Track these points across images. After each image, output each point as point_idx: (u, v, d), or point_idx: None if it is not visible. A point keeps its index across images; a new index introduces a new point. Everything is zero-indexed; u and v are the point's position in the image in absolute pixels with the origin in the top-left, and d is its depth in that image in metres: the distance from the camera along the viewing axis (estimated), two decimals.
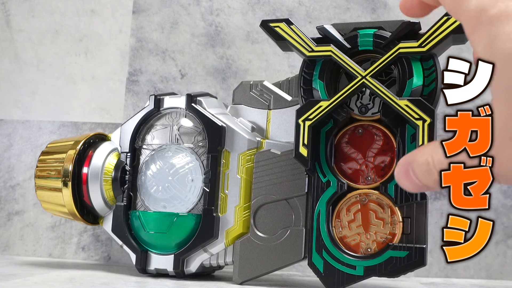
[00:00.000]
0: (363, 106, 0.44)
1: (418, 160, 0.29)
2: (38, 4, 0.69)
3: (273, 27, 0.45)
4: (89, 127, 0.66)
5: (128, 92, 0.66)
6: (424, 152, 0.29)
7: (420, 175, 0.29)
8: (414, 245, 0.41)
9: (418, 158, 0.29)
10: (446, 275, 0.60)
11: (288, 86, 0.49)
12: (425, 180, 0.29)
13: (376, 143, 0.44)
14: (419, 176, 0.29)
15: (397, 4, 0.63)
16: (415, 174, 0.29)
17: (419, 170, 0.29)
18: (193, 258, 0.47)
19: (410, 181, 0.30)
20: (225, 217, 0.47)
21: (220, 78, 0.64)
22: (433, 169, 0.28)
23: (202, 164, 0.48)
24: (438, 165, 0.28)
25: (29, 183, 0.66)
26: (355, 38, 0.44)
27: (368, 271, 0.41)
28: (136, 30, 0.66)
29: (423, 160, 0.28)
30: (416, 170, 0.29)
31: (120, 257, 0.63)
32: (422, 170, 0.29)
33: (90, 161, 0.50)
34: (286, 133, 0.48)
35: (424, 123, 0.39)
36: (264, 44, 0.64)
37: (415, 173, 0.29)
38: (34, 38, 0.68)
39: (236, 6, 0.65)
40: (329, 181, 0.43)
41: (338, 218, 0.43)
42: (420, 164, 0.29)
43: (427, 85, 0.42)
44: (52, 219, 0.65)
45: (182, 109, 0.49)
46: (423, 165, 0.28)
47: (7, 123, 0.67)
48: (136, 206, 0.50)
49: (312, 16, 0.64)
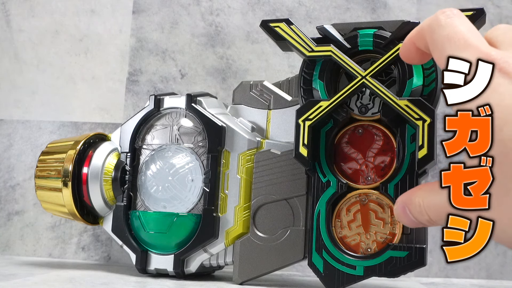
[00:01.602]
0: (363, 106, 0.44)
1: (412, 201, 0.32)
2: (38, 4, 0.69)
3: (273, 27, 0.45)
4: (89, 127, 0.66)
5: (128, 92, 0.66)
6: (417, 195, 0.32)
7: (415, 215, 0.32)
8: (414, 245, 0.41)
9: (412, 200, 0.32)
10: (446, 275, 0.60)
11: (288, 86, 0.49)
12: (420, 219, 0.32)
13: (376, 143, 0.44)
14: (414, 215, 0.32)
15: (397, 4, 0.63)
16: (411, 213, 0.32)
17: (413, 210, 0.32)
18: (193, 258, 0.47)
19: (407, 218, 0.33)
20: (225, 217, 0.47)
21: (220, 78, 0.64)
22: (423, 211, 0.31)
23: (202, 164, 0.48)
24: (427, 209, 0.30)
25: (29, 183, 0.66)
26: (355, 38, 0.44)
27: (368, 271, 0.41)
28: (136, 30, 0.66)
29: (415, 202, 0.31)
30: (412, 210, 0.32)
31: (120, 257, 0.63)
32: (416, 211, 0.32)
33: (90, 161, 0.50)
34: (286, 133, 0.48)
35: (424, 123, 0.39)
36: (264, 44, 0.64)
37: (411, 212, 0.32)
38: (34, 38, 0.68)
39: (236, 6, 0.65)
40: (329, 181, 0.43)
41: (338, 218, 0.43)
42: (414, 205, 0.32)
43: (427, 85, 0.42)
44: (52, 219, 0.65)
45: (182, 109, 0.49)
46: (416, 206, 0.31)
47: (7, 123, 0.67)
48: (136, 206, 0.50)
49: (312, 16, 0.64)
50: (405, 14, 0.63)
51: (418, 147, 0.39)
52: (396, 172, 0.42)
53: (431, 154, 0.39)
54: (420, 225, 0.32)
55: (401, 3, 0.63)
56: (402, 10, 0.63)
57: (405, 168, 0.41)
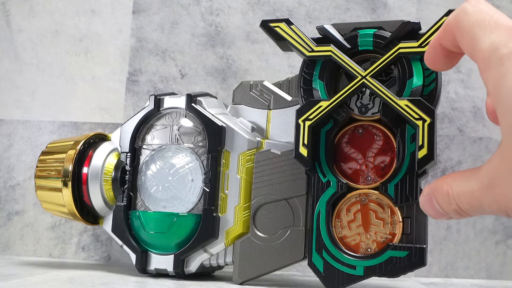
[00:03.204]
0: (363, 106, 0.44)
1: (439, 190, 0.30)
2: (38, 4, 0.69)
3: (273, 27, 0.45)
4: (89, 127, 0.66)
5: (128, 92, 0.66)
6: (445, 182, 0.30)
7: (442, 204, 0.30)
8: (414, 245, 0.41)
9: (440, 188, 0.30)
10: (446, 275, 0.60)
11: (288, 86, 0.49)
12: (447, 209, 0.30)
13: (376, 143, 0.44)
14: (441, 205, 0.30)
15: (397, 4, 0.63)
16: (437, 202, 0.31)
17: (441, 199, 0.30)
18: (193, 258, 0.47)
19: (433, 209, 0.31)
20: (225, 217, 0.47)
21: (220, 78, 0.64)
22: (452, 200, 0.29)
23: (202, 164, 0.48)
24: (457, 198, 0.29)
25: (29, 183, 0.66)
26: (355, 38, 0.44)
27: (368, 271, 0.41)
28: (136, 30, 0.66)
29: (444, 190, 0.30)
30: (439, 199, 0.30)
31: (120, 257, 0.63)
32: (443, 200, 0.30)
33: (90, 161, 0.50)
34: (286, 133, 0.48)
35: (424, 123, 0.39)
36: (264, 44, 0.64)
37: (438, 202, 0.31)
38: (34, 38, 0.68)
39: (236, 6, 0.65)
40: (329, 181, 0.43)
41: (338, 218, 0.43)
42: (441, 194, 0.30)
43: (427, 85, 0.42)
44: (52, 219, 0.65)
45: (182, 109, 0.49)
46: (444, 195, 0.30)
47: (7, 123, 0.67)
48: (136, 206, 0.50)
49: (312, 16, 0.64)
50: (405, 14, 0.63)
51: (418, 147, 0.39)
52: (396, 172, 0.42)
53: (431, 154, 0.39)
54: (445, 216, 0.31)
55: (401, 3, 0.63)
56: (402, 10, 0.63)
57: (405, 168, 0.41)
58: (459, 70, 0.62)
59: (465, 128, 0.61)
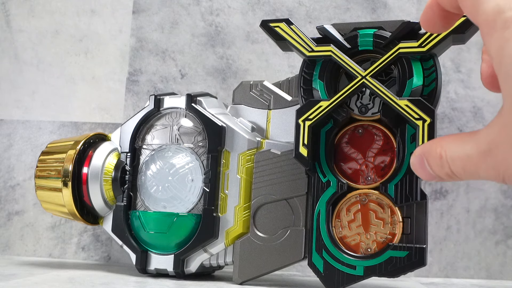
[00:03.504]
0: (363, 106, 0.44)
1: (432, 152, 0.30)
2: (38, 4, 0.69)
3: (273, 27, 0.45)
4: (89, 127, 0.66)
5: (128, 92, 0.66)
6: (439, 145, 0.29)
7: (433, 167, 0.30)
8: (414, 245, 0.41)
9: (433, 151, 0.29)
10: (446, 275, 0.60)
11: (288, 86, 0.49)
12: (438, 172, 0.29)
13: (376, 143, 0.44)
14: (433, 167, 0.30)
15: (397, 4, 0.63)
16: (429, 165, 0.30)
17: (433, 162, 0.30)
18: (193, 258, 0.47)
19: (424, 171, 0.30)
20: (225, 217, 0.47)
21: (220, 78, 0.64)
22: (445, 163, 0.29)
23: (202, 164, 0.48)
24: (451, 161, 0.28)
25: (29, 183, 0.66)
26: (355, 38, 0.44)
27: (368, 271, 0.41)
28: (136, 30, 0.66)
29: (437, 153, 0.29)
30: (430, 161, 0.30)
31: (120, 257, 0.63)
32: (436, 163, 0.29)
33: (90, 161, 0.50)
34: (286, 133, 0.48)
35: (424, 123, 0.39)
36: (264, 44, 0.64)
37: (429, 164, 0.30)
38: (34, 38, 0.68)
39: (236, 6, 0.65)
40: (329, 181, 0.43)
41: (338, 218, 0.43)
42: (434, 157, 0.29)
43: (427, 85, 0.42)
44: (52, 219, 0.65)
45: (182, 109, 0.49)
46: (437, 158, 0.29)
47: (7, 123, 0.67)
48: (136, 206, 0.50)
49: (312, 16, 0.64)
50: (405, 14, 0.63)
51: None
52: (396, 172, 0.42)
53: None
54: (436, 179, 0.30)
55: (401, 3, 0.63)
56: (402, 10, 0.63)
57: (405, 168, 0.41)
58: (459, 70, 0.62)
59: (465, 128, 0.61)
